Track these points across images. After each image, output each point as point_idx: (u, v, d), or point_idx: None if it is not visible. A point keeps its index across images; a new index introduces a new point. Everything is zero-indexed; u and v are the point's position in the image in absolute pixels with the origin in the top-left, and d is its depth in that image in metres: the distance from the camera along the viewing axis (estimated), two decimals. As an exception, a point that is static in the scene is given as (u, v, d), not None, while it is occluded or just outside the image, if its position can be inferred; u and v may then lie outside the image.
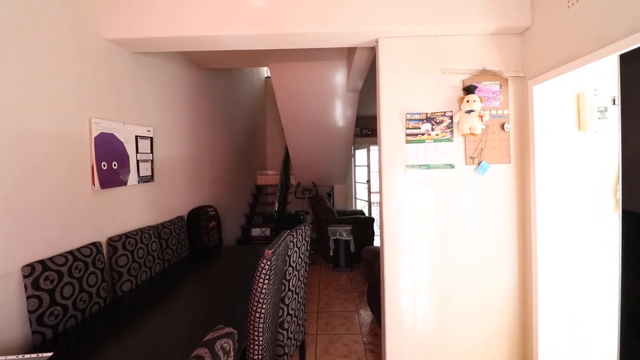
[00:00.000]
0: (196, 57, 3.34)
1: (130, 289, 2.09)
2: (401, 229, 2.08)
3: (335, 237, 4.50)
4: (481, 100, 1.97)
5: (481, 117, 1.95)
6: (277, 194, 4.67)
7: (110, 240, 2.04)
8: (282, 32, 1.97)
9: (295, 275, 1.94)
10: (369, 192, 6.00)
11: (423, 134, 2.06)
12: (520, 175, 2.05)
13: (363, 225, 4.77)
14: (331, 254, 4.55)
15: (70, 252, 1.69)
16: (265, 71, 7.21)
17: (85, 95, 1.91)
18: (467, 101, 1.95)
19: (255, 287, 1.33)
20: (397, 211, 2.08)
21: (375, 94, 2.22)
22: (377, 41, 2.10)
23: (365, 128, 6.98)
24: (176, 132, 3.01)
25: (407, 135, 2.07)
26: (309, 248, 2.08)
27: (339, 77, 3.71)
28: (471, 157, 2.05)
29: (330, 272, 4.52)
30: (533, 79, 1.91)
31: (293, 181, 6.24)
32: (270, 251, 1.35)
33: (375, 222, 4.90)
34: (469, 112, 1.95)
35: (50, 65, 1.68)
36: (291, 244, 1.85)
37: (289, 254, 1.83)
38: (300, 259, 1.97)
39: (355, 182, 6.77)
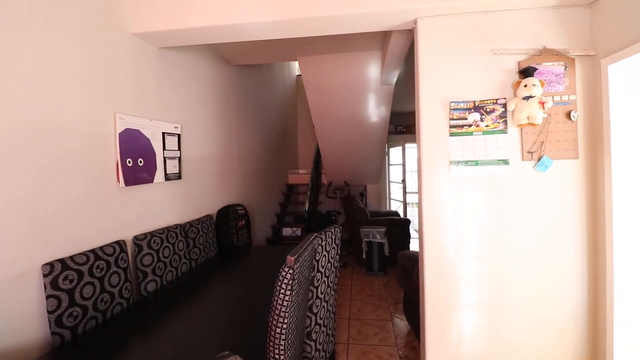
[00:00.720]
0: (225, 53, 3.28)
1: (155, 289, 2.03)
2: (444, 235, 1.84)
3: (368, 239, 4.28)
4: (542, 85, 1.67)
5: (542, 104, 1.65)
6: (308, 194, 4.54)
7: (136, 239, 1.99)
8: (309, 16, 1.81)
9: (324, 281, 1.77)
10: (405, 192, 5.69)
11: (470, 125, 1.80)
12: (590, 172, 1.72)
13: (398, 227, 4.50)
14: (364, 256, 4.33)
15: (92, 251, 1.65)
16: (296, 69, 7.12)
17: (110, 90, 1.87)
18: (525, 86, 1.66)
19: (276, 298, 1.17)
20: (439, 214, 1.84)
21: (413, 85, 1.99)
22: (415, 22, 1.87)
23: (400, 125, 6.65)
24: (205, 129, 2.96)
25: (451, 127, 1.81)
26: (339, 252, 1.90)
27: (373, 69, 3.49)
28: (529, 152, 1.75)
29: (363, 275, 4.30)
30: (607, 57, 1.59)
31: (324, 180, 6.09)
32: (293, 258, 1.18)
33: (411, 224, 4.61)
34: (526, 98, 1.66)
35: (75, 60, 1.64)
36: (319, 247, 1.67)
37: (317, 258, 1.66)
38: (329, 264, 1.80)
39: (389, 181, 6.48)
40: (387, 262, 4.41)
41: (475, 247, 1.81)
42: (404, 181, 5.77)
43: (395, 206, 6.73)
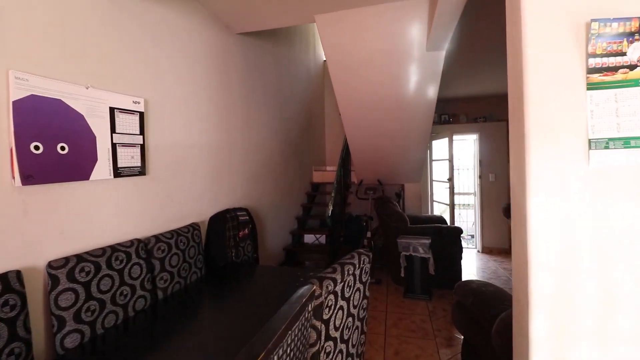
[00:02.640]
0: (222, 13, 2.54)
1: (79, 344, 1.32)
2: (571, 283, 0.93)
3: (407, 253, 3.38)
4: None
5: None
6: (332, 194, 3.72)
7: (50, 266, 1.29)
8: None
9: (340, 350, 0.95)
10: (452, 194, 4.70)
11: (635, 67, 0.89)
12: None
13: (446, 238, 3.54)
14: (402, 274, 3.43)
15: None
16: (323, 54, 6.30)
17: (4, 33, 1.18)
18: None
19: None
20: (561, 240, 0.93)
21: (466, 56, 1.09)
22: None
23: (445, 113, 5.61)
24: (190, 109, 2.24)
25: (594, 70, 0.91)
26: (367, 293, 1.07)
27: (416, 28, 2.58)
28: None
29: (402, 298, 3.40)
30: None
31: (354, 179, 5.22)
32: None
33: (462, 233, 3.63)
34: None
35: None
36: (330, 299, 0.86)
37: (327, 316, 0.85)
38: (350, 318, 0.98)
39: (431, 180, 5.48)
40: (433, 281, 3.47)
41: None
42: (450, 180, 4.77)
43: (439, 210, 5.70)
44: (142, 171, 1.78)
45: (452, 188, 4.78)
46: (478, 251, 5.38)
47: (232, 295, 1.87)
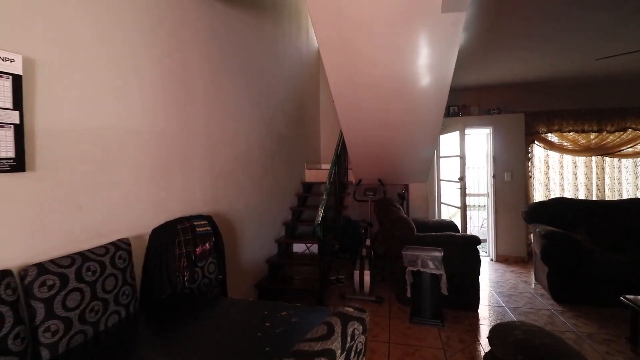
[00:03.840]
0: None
1: None
2: None
3: (415, 268, 2.76)
4: None
5: None
6: (323, 196, 3.09)
7: None
8: None
9: None
10: (463, 195, 4.08)
11: None
12: None
13: (460, 249, 2.92)
14: (408, 294, 2.82)
15: None
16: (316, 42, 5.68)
17: None
18: None
19: None
20: None
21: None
22: None
23: (454, 105, 4.99)
24: (119, 79, 1.62)
25: None
26: None
27: (429, -21, 1.97)
28: None
29: (407, 324, 2.79)
30: None
31: (352, 178, 4.61)
32: None
33: (480, 244, 3.01)
34: None
35: None
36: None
37: None
38: None
39: (439, 179, 4.86)
40: (445, 302, 2.86)
41: None
42: (462, 179, 4.15)
43: (447, 213, 5.07)
44: (17, 166, 1.16)
45: (463, 189, 4.15)
46: (491, 259, 4.76)
47: (163, 350, 1.25)
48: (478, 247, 2.97)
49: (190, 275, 1.88)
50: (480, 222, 6.16)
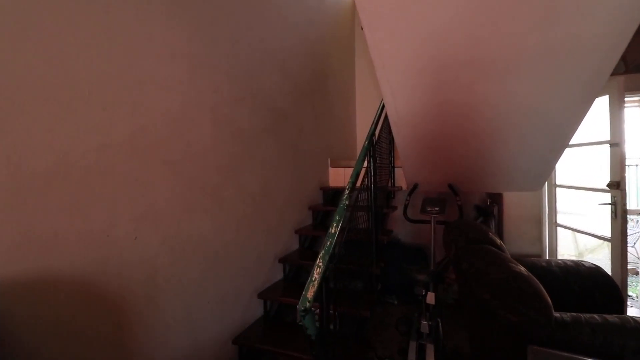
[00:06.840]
0: None
1: None
2: None
3: None
4: None
5: None
6: (336, 218, 1.34)
7: None
8: None
9: None
10: (622, 215, 2.05)
11: None
12: None
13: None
14: None
15: None
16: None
17: None
18: None
19: None
20: None
21: None
22: None
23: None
24: None
25: None
26: None
27: None
28: None
29: None
30: None
31: (403, 184, 2.83)
32: None
33: None
34: None
35: None
36: None
37: None
38: None
39: (554, 184, 2.86)
40: None
41: None
42: (617, 186, 2.12)
43: (575, 246, 3.02)
44: None
45: (621, 203, 2.16)
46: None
47: None
48: None
49: None
50: None
